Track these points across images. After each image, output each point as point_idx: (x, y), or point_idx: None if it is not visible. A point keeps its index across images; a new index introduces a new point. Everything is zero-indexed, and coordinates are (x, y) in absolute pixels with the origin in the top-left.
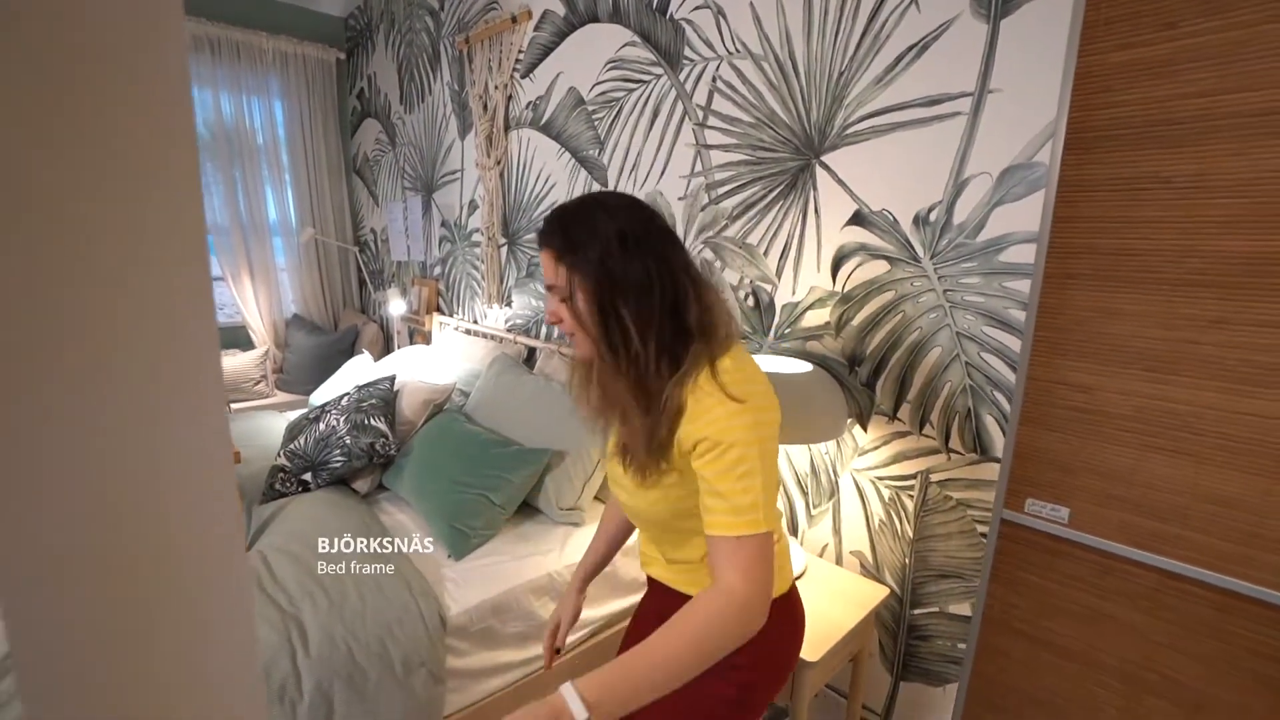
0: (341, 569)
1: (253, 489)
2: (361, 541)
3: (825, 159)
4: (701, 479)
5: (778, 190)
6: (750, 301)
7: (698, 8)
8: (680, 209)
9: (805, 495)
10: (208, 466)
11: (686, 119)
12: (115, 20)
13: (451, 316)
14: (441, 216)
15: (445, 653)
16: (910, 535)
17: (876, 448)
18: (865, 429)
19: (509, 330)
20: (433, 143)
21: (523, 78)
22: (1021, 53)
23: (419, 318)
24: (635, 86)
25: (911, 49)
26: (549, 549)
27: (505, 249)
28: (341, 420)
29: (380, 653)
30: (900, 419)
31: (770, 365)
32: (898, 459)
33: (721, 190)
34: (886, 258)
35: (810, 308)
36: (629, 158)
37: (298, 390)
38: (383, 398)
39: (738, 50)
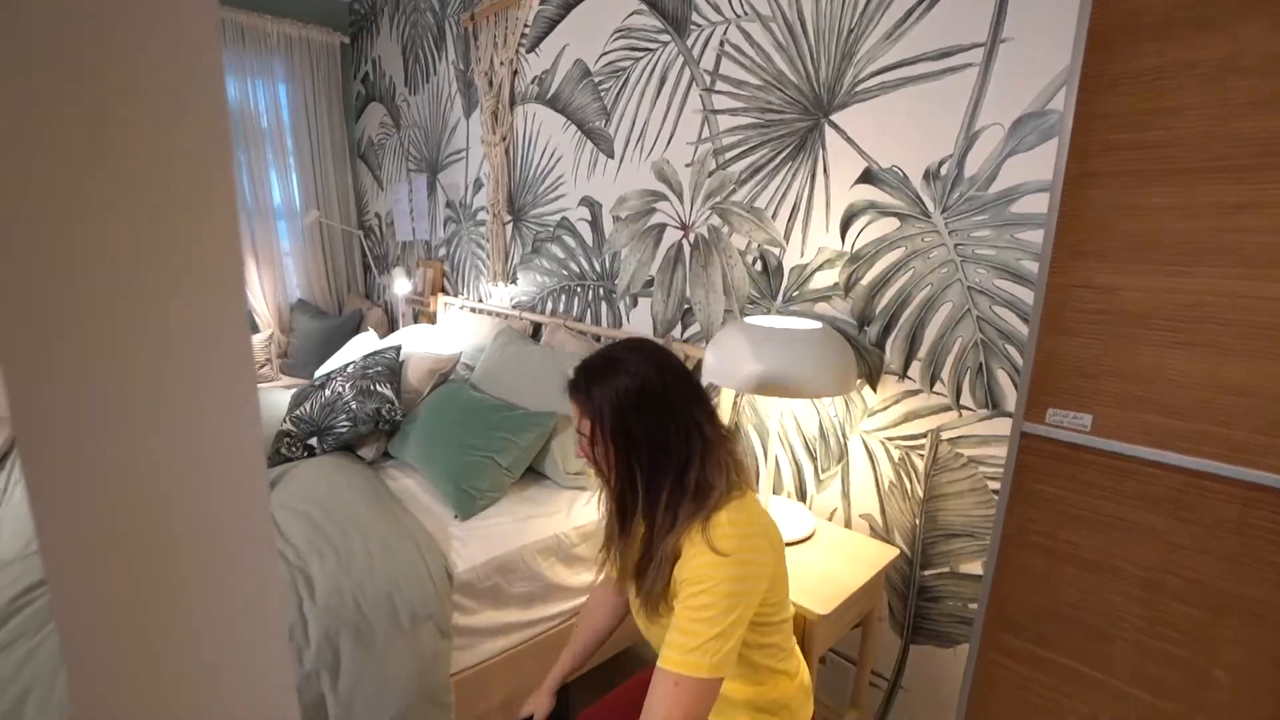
0: (349, 528)
1: None
2: (367, 502)
3: (834, 118)
4: (674, 616)
5: (786, 152)
6: (758, 266)
7: None
8: (687, 176)
9: (814, 460)
10: (239, 456)
11: (694, 85)
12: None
13: (456, 297)
14: (446, 197)
15: (452, 609)
16: (920, 495)
17: (886, 407)
18: (875, 389)
19: (514, 308)
20: (437, 124)
21: (528, 52)
22: None
23: (423, 299)
24: (642, 55)
25: (922, 1)
26: (555, 511)
27: (510, 226)
28: (347, 387)
29: (387, 606)
30: (910, 377)
31: (778, 324)
32: (908, 418)
33: (729, 155)
34: (896, 214)
35: (819, 269)
36: (635, 127)
37: (302, 374)
38: (388, 366)
39: (745, 13)
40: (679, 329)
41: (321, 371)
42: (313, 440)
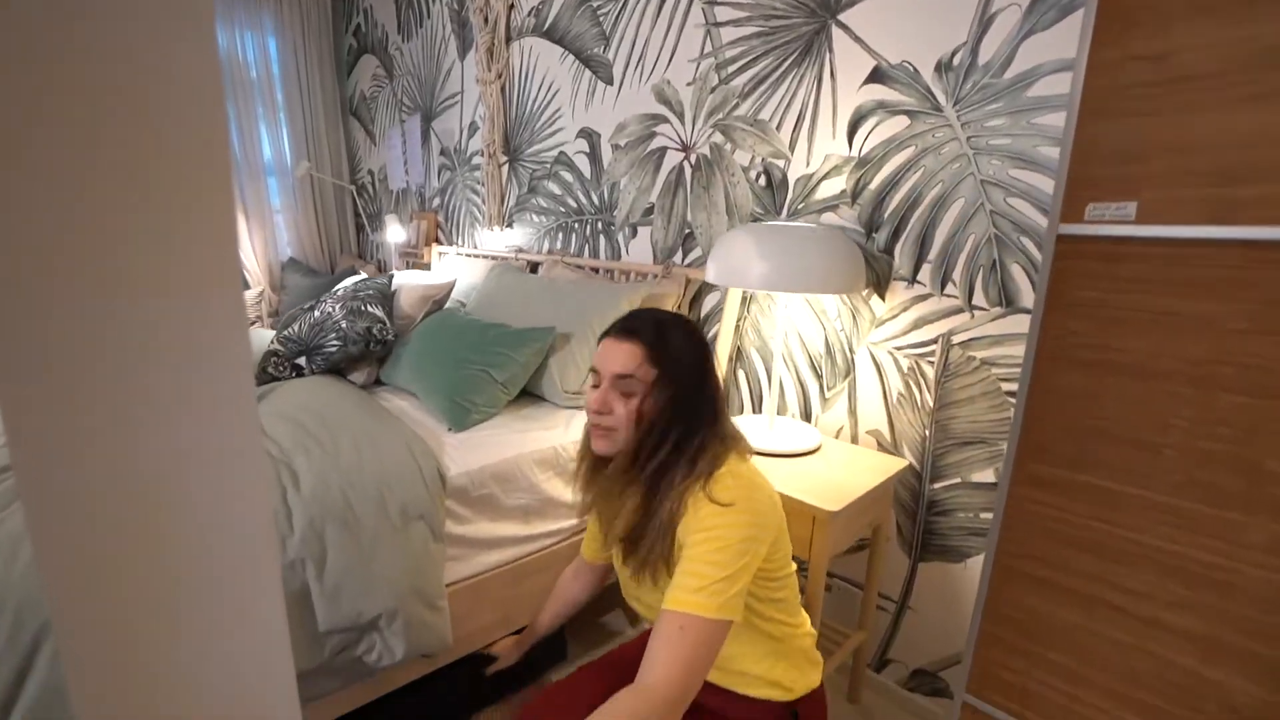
0: (338, 430)
1: None
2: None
3: (841, 16)
4: (680, 565)
5: (791, 59)
6: (761, 181)
7: None
8: (689, 95)
9: (819, 378)
10: (238, 452)
11: None
12: None
13: (450, 246)
14: (440, 144)
15: (445, 513)
16: (930, 405)
17: (895, 316)
18: (883, 298)
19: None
20: (431, 69)
21: None
22: None
23: (417, 251)
24: None
25: None
26: (553, 426)
27: (506, 167)
28: (338, 308)
29: (377, 500)
30: (920, 281)
31: (782, 228)
32: (918, 324)
33: (732, 69)
34: (906, 112)
35: (825, 177)
36: (635, 49)
37: None
38: (380, 290)
39: None
40: (680, 254)
41: None
42: (300, 360)
